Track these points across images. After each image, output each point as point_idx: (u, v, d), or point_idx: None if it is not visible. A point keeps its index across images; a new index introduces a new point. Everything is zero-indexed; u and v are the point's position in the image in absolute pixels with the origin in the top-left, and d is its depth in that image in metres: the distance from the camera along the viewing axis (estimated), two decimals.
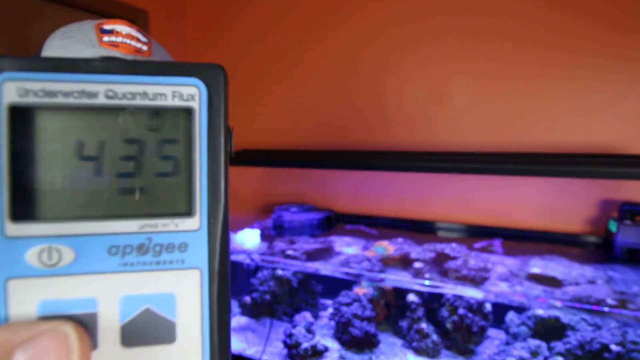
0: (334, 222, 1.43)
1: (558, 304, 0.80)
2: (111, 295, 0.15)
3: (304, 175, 1.53)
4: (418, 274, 0.97)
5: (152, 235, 0.16)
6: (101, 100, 0.15)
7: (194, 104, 0.16)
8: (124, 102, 0.15)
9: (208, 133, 0.16)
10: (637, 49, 1.08)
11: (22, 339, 0.13)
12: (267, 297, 1.23)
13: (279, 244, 1.16)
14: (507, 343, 1.00)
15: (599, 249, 1.14)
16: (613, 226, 1.06)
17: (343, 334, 1.08)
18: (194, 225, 0.16)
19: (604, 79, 1.12)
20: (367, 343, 1.07)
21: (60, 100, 0.15)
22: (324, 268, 1.02)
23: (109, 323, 0.15)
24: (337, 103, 1.45)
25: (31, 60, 0.15)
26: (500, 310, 1.04)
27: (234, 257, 1.10)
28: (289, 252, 1.09)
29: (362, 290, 1.16)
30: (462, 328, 1.01)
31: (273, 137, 1.56)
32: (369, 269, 0.99)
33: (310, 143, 1.50)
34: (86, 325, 0.15)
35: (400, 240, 1.19)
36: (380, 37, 1.35)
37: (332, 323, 1.13)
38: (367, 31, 1.37)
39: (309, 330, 1.08)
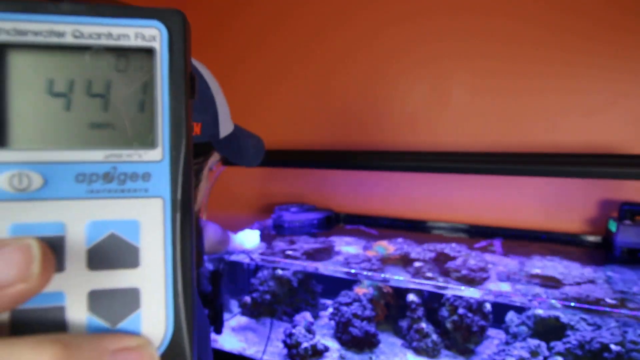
0: (334, 222, 1.43)
1: (558, 304, 0.80)
2: (78, 220, 0.16)
3: (304, 175, 1.54)
4: (418, 273, 0.97)
5: (117, 164, 0.17)
6: (68, 39, 0.16)
7: (156, 44, 0.17)
8: (90, 41, 0.16)
9: (169, 72, 0.17)
10: (638, 49, 1.08)
11: None
12: (267, 297, 1.23)
13: (279, 244, 1.16)
14: (507, 343, 1.00)
15: (598, 249, 1.14)
16: (613, 226, 1.06)
17: (343, 333, 1.09)
18: (157, 156, 0.17)
19: (604, 79, 1.13)
20: (367, 343, 1.07)
21: (30, 38, 0.16)
22: (324, 268, 1.02)
23: (76, 246, 0.16)
24: (337, 103, 1.45)
25: (2, 2, 0.16)
26: (500, 310, 1.05)
27: (234, 257, 1.10)
28: (289, 252, 1.09)
29: (362, 290, 1.16)
30: (462, 328, 1.01)
31: (273, 137, 1.56)
32: (369, 269, 0.99)
33: (310, 143, 1.50)
34: (54, 247, 0.16)
35: (400, 240, 1.19)
36: (380, 37, 1.35)
37: (332, 323, 1.13)
38: (367, 31, 1.37)
39: (309, 330, 1.08)
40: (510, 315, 1.04)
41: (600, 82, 1.13)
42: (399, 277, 0.96)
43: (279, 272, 1.22)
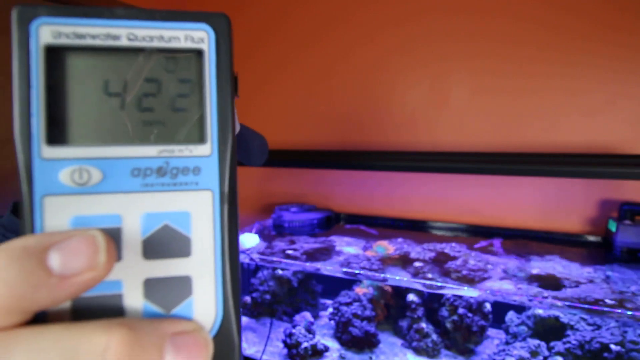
0: (334, 222, 1.43)
1: (558, 303, 0.80)
2: (134, 212, 0.17)
3: (304, 175, 1.54)
4: (418, 273, 0.97)
5: (170, 159, 0.18)
6: (123, 42, 0.17)
7: (204, 46, 0.18)
8: (143, 43, 0.18)
9: (217, 71, 0.18)
10: (637, 50, 1.09)
11: (55, 240, 0.14)
12: (267, 297, 1.23)
13: (279, 244, 1.16)
14: (507, 343, 1.00)
15: (598, 249, 1.14)
16: (613, 226, 1.06)
17: (343, 333, 1.09)
18: (206, 151, 0.18)
19: (604, 79, 1.13)
20: (367, 343, 1.07)
21: (88, 41, 0.17)
22: (324, 268, 1.02)
23: (132, 237, 0.17)
24: (337, 103, 1.45)
25: (63, 8, 0.17)
26: (500, 309, 1.05)
27: None
28: (289, 252, 1.10)
29: (362, 290, 1.16)
30: (461, 328, 1.01)
31: (273, 137, 1.56)
32: (369, 269, 0.99)
33: (310, 143, 1.50)
34: (112, 237, 0.17)
35: (400, 240, 1.19)
36: (379, 37, 1.36)
37: (332, 323, 1.13)
38: (366, 31, 1.37)
39: (309, 330, 1.08)
40: (510, 315, 1.04)
41: (600, 82, 1.13)
42: (399, 277, 0.96)
43: (279, 272, 1.22)
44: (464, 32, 1.25)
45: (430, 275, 0.95)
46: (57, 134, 0.17)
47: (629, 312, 0.75)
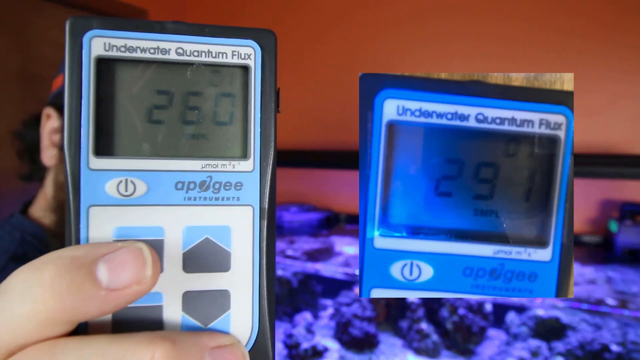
0: (334, 222, 1.43)
1: (558, 304, 0.80)
2: (176, 225, 0.17)
3: (304, 175, 1.54)
4: None
5: (212, 174, 0.18)
6: (172, 56, 0.18)
7: (250, 62, 0.18)
8: (191, 58, 0.18)
9: (261, 87, 0.18)
10: (638, 49, 1.08)
11: (102, 252, 0.14)
12: None
13: (279, 244, 1.16)
14: (508, 343, 1.00)
15: (599, 249, 1.14)
16: (613, 226, 1.06)
17: (343, 334, 1.08)
18: (249, 167, 0.18)
19: (604, 79, 1.13)
20: (367, 343, 1.07)
21: (138, 54, 0.17)
22: (324, 268, 1.01)
23: (173, 250, 0.17)
24: (338, 103, 1.45)
25: (116, 20, 0.17)
26: (501, 310, 1.04)
27: None
28: (289, 252, 1.09)
29: None
30: (462, 328, 1.01)
31: None
32: None
33: (310, 143, 1.50)
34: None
35: None
36: (380, 38, 1.36)
37: (332, 323, 1.13)
38: (367, 33, 1.37)
39: (309, 330, 1.08)
40: (511, 316, 1.04)
41: (601, 82, 1.13)
42: None
43: (279, 272, 1.22)
44: (464, 33, 1.25)
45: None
46: (104, 145, 0.17)
47: (629, 313, 0.75)
